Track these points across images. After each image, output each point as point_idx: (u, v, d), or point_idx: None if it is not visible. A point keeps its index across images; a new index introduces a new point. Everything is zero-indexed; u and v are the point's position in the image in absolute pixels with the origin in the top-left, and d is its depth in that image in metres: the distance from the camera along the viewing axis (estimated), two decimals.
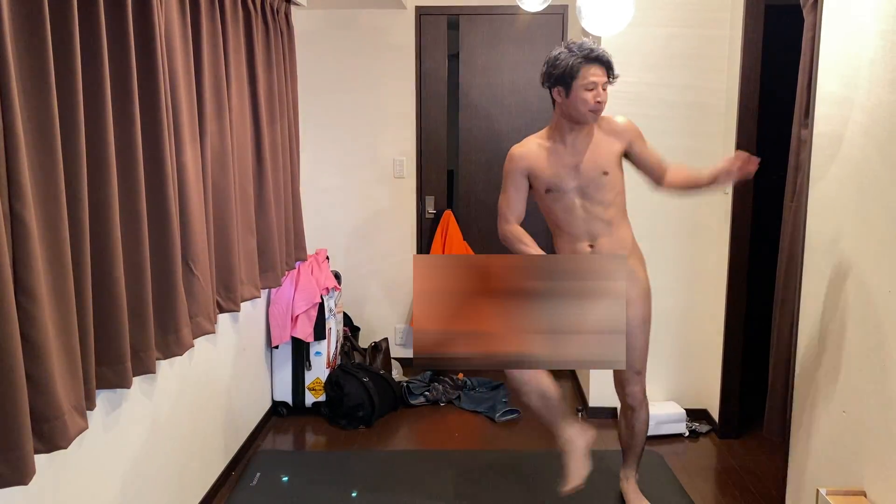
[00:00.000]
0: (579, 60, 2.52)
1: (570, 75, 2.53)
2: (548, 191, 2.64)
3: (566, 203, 2.63)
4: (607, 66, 2.56)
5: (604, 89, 2.56)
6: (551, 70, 2.58)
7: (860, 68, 2.35)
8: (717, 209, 3.81)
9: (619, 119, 2.70)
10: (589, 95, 2.53)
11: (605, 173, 2.61)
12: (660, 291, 3.92)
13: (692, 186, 2.69)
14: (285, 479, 3.18)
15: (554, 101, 2.64)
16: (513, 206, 2.69)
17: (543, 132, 2.72)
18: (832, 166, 2.53)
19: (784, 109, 3.53)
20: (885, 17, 2.21)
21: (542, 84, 2.65)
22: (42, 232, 1.77)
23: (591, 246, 2.67)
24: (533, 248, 2.62)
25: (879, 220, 2.23)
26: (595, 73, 2.53)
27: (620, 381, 2.81)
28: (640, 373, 2.79)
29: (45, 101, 1.75)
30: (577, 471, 2.66)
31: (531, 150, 2.68)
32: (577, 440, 2.70)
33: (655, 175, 2.72)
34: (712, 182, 2.59)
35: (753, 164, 2.49)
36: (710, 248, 3.87)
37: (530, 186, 2.70)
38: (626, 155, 2.71)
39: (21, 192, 1.65)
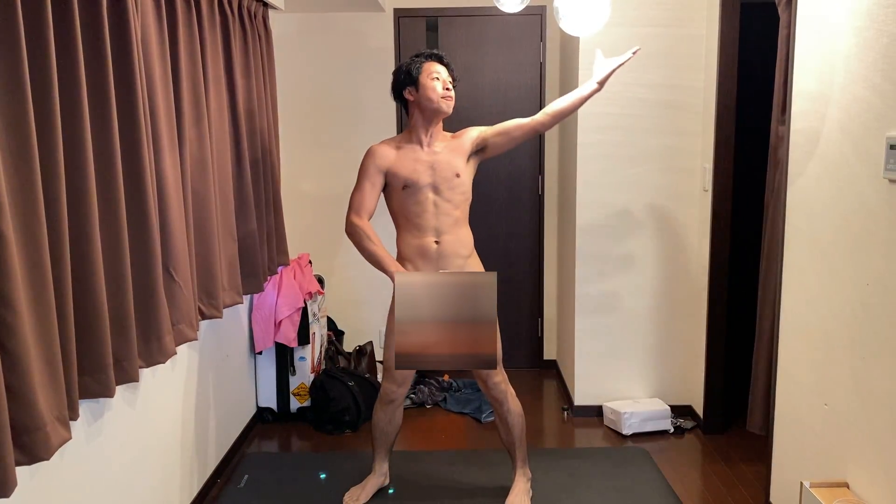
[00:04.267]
0: (421, 59, 2.79)
1: (416, 72, 2.77)
2: (405, 187, 2.76)
3: (420, 198, 2.76)
4: (447, 66, 2.82)
5: (448, 87, 2.78)
6: (398, 77, 2.83)
7: (835, 64, 2.38)
8: (698, 206, 3.84)
9: (467, 130, 2.90)
10: (437, 83, 2.76)
11: (458, 175, 2.78)
12: (642, 289, 3.96)
13: (570, 108, 2.86)
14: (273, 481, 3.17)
15: (408, 109, 2.86)
16: (366, 201, 2.77)
17: (402, 135, 2.89)
18: (810, 162, 2.56)
19: (762, 106, 3.57)
20: (858, 14, 2.24)
21: (393, 96, 2.87)
22: (19, 241, 1.75)
23: (437, 242, 2.78)
24: (379, 246, 2.73)
25: (856, 214, 2.26)
26: (438, 69, 2.78)
27: (481, 377, 2.86)
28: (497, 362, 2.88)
29: (21, 109, 1.73)
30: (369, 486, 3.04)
31: (391, 148, 2.83)
32: (379, 475, 3.06)
33: (526, 130, 2.86)
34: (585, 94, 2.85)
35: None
36: (691, 245, 3.90)
37: (386, 184, 2.81)
38: (485, 149, 2.87)
39: None
